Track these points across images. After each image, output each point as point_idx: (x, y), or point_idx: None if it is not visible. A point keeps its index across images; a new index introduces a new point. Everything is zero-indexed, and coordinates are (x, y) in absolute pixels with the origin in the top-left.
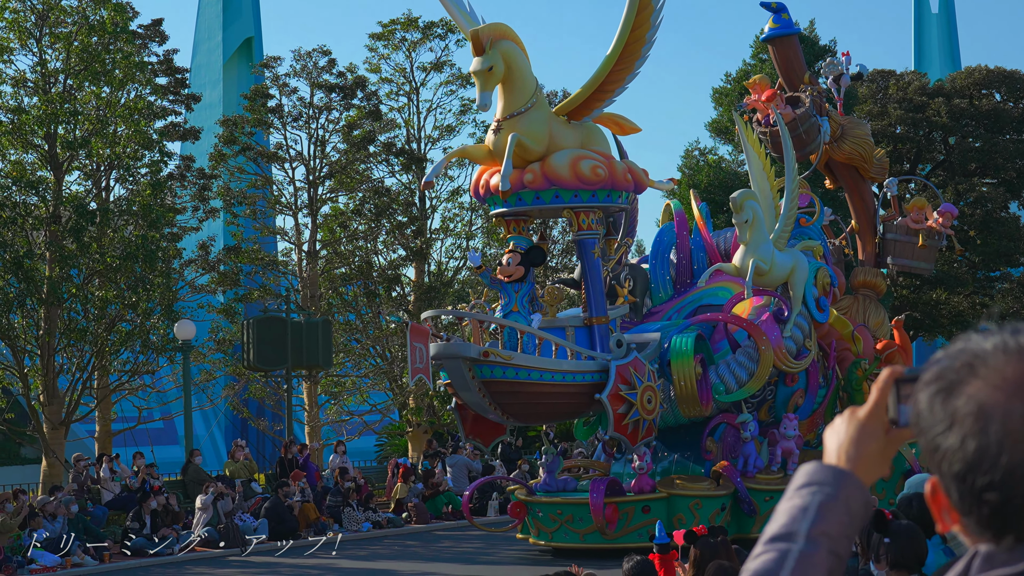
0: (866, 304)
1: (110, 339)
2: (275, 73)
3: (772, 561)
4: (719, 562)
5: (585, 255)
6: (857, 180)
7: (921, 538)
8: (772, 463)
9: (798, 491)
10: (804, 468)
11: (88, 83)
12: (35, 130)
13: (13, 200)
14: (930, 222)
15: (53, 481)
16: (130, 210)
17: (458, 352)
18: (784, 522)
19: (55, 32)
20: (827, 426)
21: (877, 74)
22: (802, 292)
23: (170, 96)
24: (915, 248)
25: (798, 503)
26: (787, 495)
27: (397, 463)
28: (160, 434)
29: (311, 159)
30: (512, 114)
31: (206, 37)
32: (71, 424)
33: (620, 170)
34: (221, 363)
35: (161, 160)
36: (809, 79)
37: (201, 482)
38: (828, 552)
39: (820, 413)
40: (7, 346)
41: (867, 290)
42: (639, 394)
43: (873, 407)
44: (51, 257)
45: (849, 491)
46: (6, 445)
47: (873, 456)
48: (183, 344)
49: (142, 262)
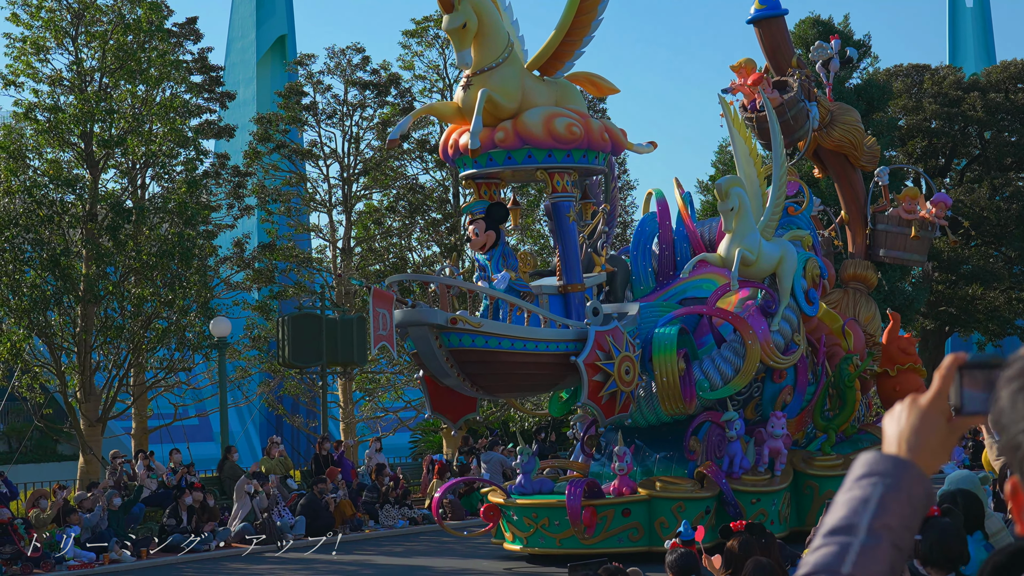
0: (857, 298)
1: (146, 336)
2: (309, 71)
3: (832, 555)
4: (757, 558)
5: (560, 219)
6: (847, 168)
7: (956, 537)
8: (759, 463)
9: (858, 482)
10: (863, 457)
11: (124, 81)
12: (71, 128)
13: (50, 198)
14: (923, 212)
15: (90, 478)
16: (166, 208)
17: (424, 319)
18: (844, 514)
19: (91, 31)
20: (888, 417)
21: (912, 68)
22: (790, 284)
23: (205, 94)
24: (907, 239)
25: (858, 494)
26: (845, 485)
27: (432, 460)
28: (195, 431)
29: (345, 156)
30: (483, 69)
31: (240, 35)
32: (108, 421)
33: (597, 129)
34: (256, 360)
35: (196, 158)
36: (797, 63)
37: (237, 478)
38: (890, 545)
39: (809, 411)
40: (44, 343)
41: (858, 283)
42: (616, 364)
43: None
44: (88, 255)
45: (911, 482)
46: (43, 442)
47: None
48: (218, 341)
49: (178, 260)
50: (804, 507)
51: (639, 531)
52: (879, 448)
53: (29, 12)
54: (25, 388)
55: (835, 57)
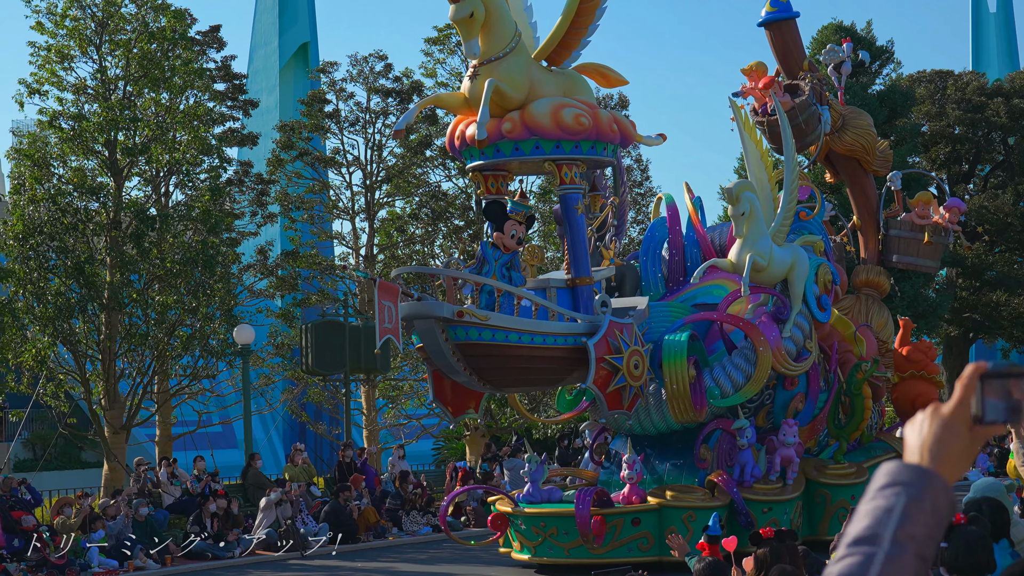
0: (869, 304)
1: (170, 344)
2: (332, 78)
3: (857, 565)
4: (782, 566)
5: (568, 211)
6: (859, 173)
7: (982, 545)
8: (770, 472)
9: (881, 491)
10: (886, 467)
11: (148, 89)
12: (96, 137)
13: (74, 206)
14: (936, 218)
15: (114, 485)
16: (189, 215)
17: (430, 311)
18: (867, 524)
19: (115, 39)
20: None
21: (935, 74)
22: (802, 290)
23: (228, 102)
24: (920, 245)
25: (882, 504)
26: (868, 495)
27: (456, 467)
28: (219, 438)
29: (368, 163)
30: (490, 59)
31: (263, 43)
32: (132, 428)
33: (605, 120)
34: (280, 367)
35: (220, 166)
36: (809, 66)
37: (261, 486)
38: (914, 555)
39: (821, 419)
40: (69, 351)
41: (870, 289)
42: (625, 358)
43: (957, 403)
44: (112, 262)
45: (934, 491)
46: (68, 449)
47: (957, 454)
48: (242, 348)
49: (201, 267)
50: (816, 516)
51: (649, 540)
52: (894, 456)
53: (54, 21)
54: (50, 396)
55: (847, 60)
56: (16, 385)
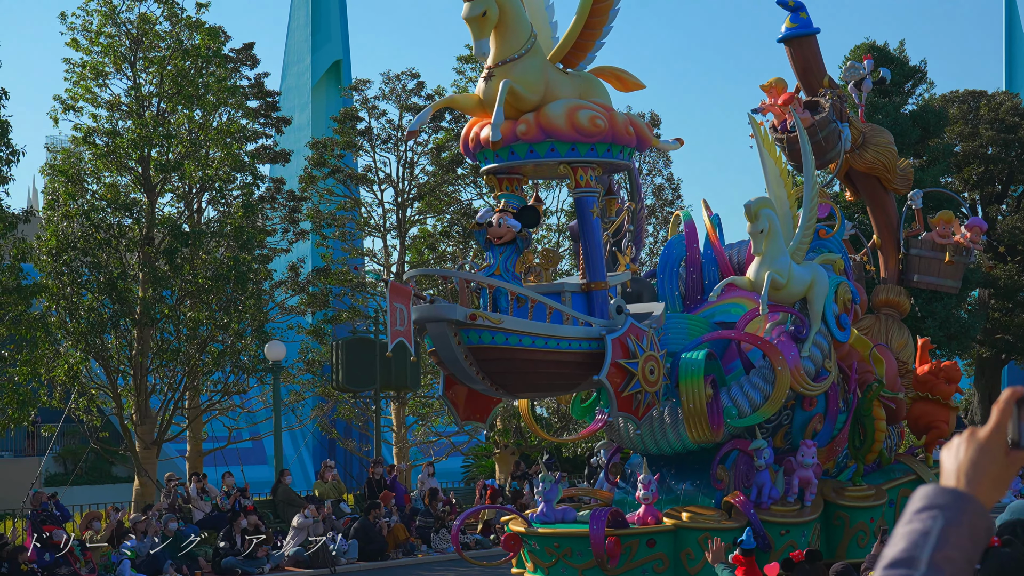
0: (889, 324)
1: (202, 359)
2: (364, 96)
3: None
4: None
5: (583, 215)
6: (879, 191)
7: (1017, 568)
8: (788, 494)
9: (917, 514)
10: (923, 491)
11: (181, 106)
12: (129, 153)
13: (108, 222)
14: (957, 237)
15: (145, 500)
16: (222, 232)
17: (442, 314)
18: (904, 547)
19: (149, 56)
20: (946, 450)
21: (968, 94)
22: (821, 308)
23: (261, 119)
24: (941, 264)
25: (919, 527)
26: (905, 518)
27: (485, 484)
28: (249, 454)
29: (400, 181)
30: (504, 60)
31: (295, 60)
32: (163, 444)
33: (621, 122)
34: (310, 384)
35: (253, 183)
36: (829, 83)
37: (291, 502)
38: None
39: (840, 440)
40: (101, 366)
41: (890, 309)
42: (640, 364)
43: (993, 427)
44: (144, 278)
45: (971, 515)
46: (99, 464)
47: (993, 478)
48: (273, 365)
49: (233, 283)
50: (835, 539)
51: (664, 562)
52: (914, 478)
53: (89, 38)
54: (82, 410)
55: (868, 77)
56: (48, 400)
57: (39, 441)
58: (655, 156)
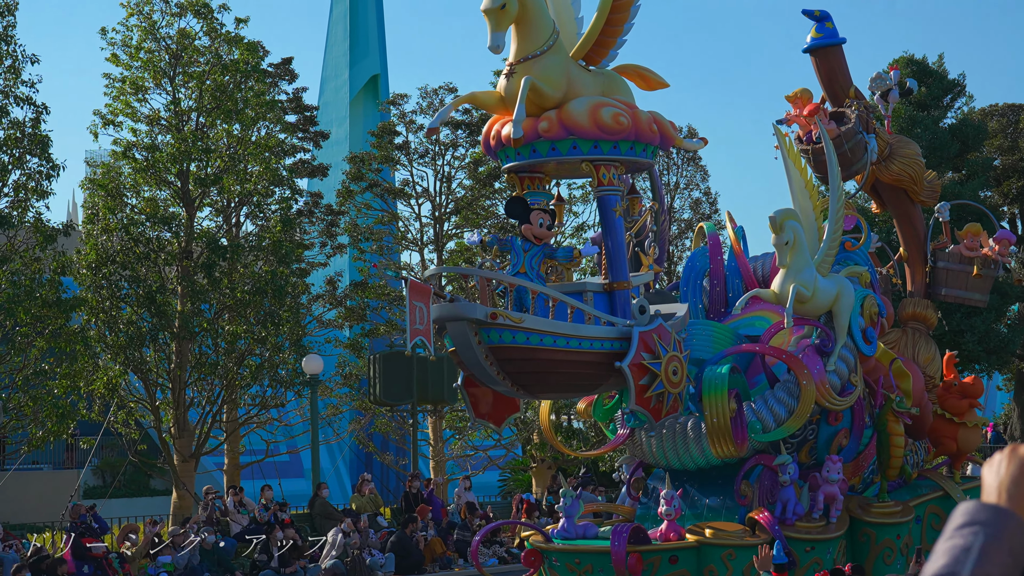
0: (916, 338)
1: (240, 373)
2: (402, 110)
3: None
4: None
5: (606, 213)
6: (906, 204)
7: None
8: (813, 510)
9: (958, 531)
10: (964, 507)
11: (220, 121)
12: (168, 167)
13: (147, 236)
14: (985, 249)
15: (183, 513)
16: (260, 246)
17: (462, 313)
18: (945, 563)
19: (188, 71)
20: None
21: (1008, 108)
22: (847, 322)
23: (299, 133)
24: (969, 278)
25: (959, 543)
26: (946, 534)
27: (522, 498)
28: (286, 467)
29: (437, 195)
30: (526, 57)
31: (333, 75)
32: (200, 457)
33: (645, 120)
34: (347, 397)
35: (291, 197)
36: (855, 93)
37: (328, 515)
38: None
39: (866, 455)
40: (140, 379)
41: (917, 323)
42: (663, 364)
43: None
44: (183, 292)
45: (1012, 531)
46: (137, 477)
47: None
48: (310, 378)
49: (271, 297)
50: (860, 555)
51: None
52: (941, 494)
53: (129, 53)
54: (120, 423)
55: (894, 88)
56: (87, 413)
57: (78, 454)
58: (692, 170)
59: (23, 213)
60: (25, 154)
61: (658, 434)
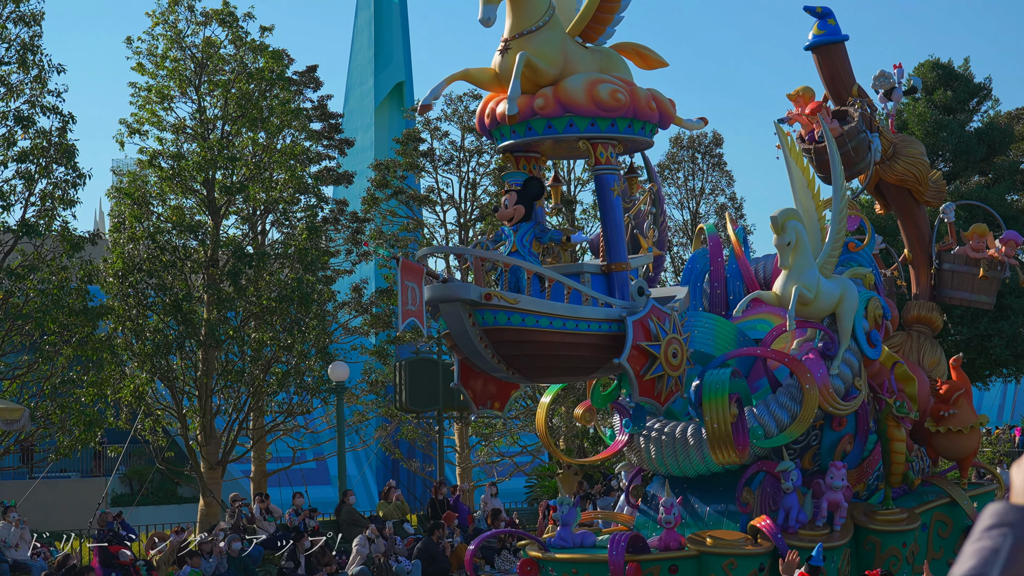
0: (921, 341)
1: (266, 380)
2: (426, 117)
3: None
4: None
5: (603, 193)
6: (910, 204)
7: None
8: (817, 517)
9: (987, 532)
10: (992, 508)
11: (245, 129)
12: (194, 176)
13: (173, 244)
14: (991, 251)
15: (210, 520)
16: (286, 253)
17: (456, 294)
18: (974, 564)
19: (214, 80)
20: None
21: None
22: (851, 324)
23: (324, 141)
24: (975, 280)
25: (988, 544)
26: (974, 536)
27: (548, 504)
28: (312, 474)
29: (462, 202)
30: (521, 33)
31: (358, 82)
32: (227, 464)
33: (643, 97)
34: (373, 404)
35: (316, 204)
36: (858, 91)
37: (354, 522)
38: None
39: (871, 461)
40: (166, 387)
41: (922, 326)
42: (663, 347)
43: None
44: (209, 300)
45: None
46: (164, 484)
47: None
48: (337, 385)
49: (297, 305)
50: (865, 564)
51: None
52: (948, 501)
53: (154, 62)
54: (147, 431)
55: (898, 87)
56: (115, 421)
57: (105, 462)
58: (717, 175)
59: (50, 222)
60: (52, 163)
61: (658, 440)
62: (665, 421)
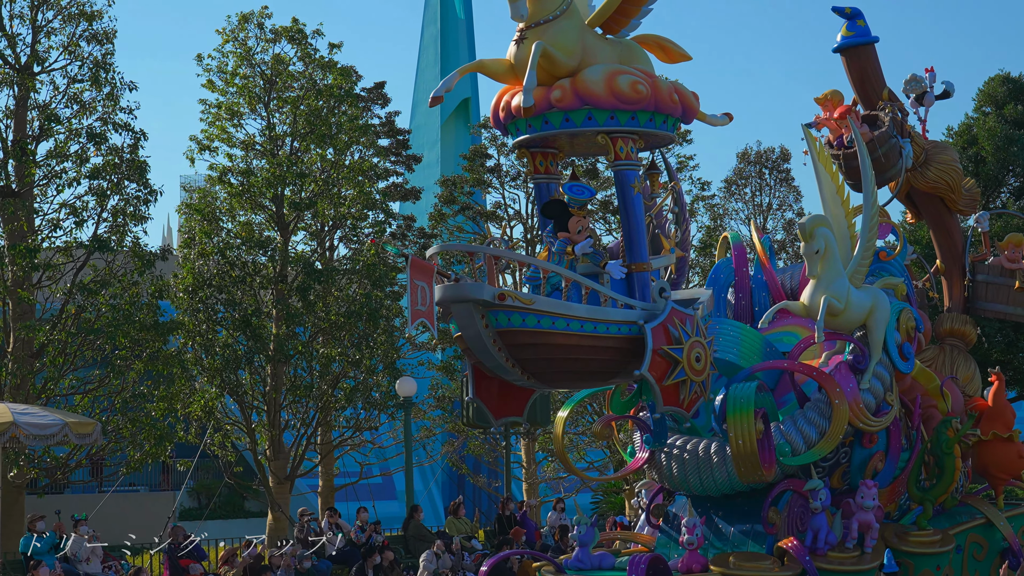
0: (954, 355)
1: (334, 396)
2: (493, 133)
3: None
4: None
5: (623, 190)
6: (943, 213)
7: None
8: (847, 539)
9: None
10: None
11: (314, 146)
12: (263, 192)
13: (242, 260)
14: None
15: (278, 535)
16: (354, 269)
17: (468, 294)
18: None
19: (283, 97)
20: None
21: None
22: (882, 337)
23: (392, 157)
24: (1011, 291)
25: None
26: None
27: (615, 521)
28: (379, 489)
29: (529, 218)
30: (538, 22)
31: (425, 99)
32: (295, 479)
33: (665, 89)
34: (440, 420)
35: (384, 220)
36: (889, 95)
37: (422, 538)
38: None
39: (903, 480)
40: (235, 402)
41: (955, 339)
42: (685, 350)
43: None
44: (278, 315)
45: None
46: (232, 499)
47: None
48: (404, 401)
49: (365, 320)
50: None
51: None
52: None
53: (224, 79)
54: (216, 446)
55: (930, 91)
56: (184, 435)
57: (174, 476)
58: (785, 190)
59: (121, 238)
60: (123, 180)
61: (680, 457)
62: (688, 437)
